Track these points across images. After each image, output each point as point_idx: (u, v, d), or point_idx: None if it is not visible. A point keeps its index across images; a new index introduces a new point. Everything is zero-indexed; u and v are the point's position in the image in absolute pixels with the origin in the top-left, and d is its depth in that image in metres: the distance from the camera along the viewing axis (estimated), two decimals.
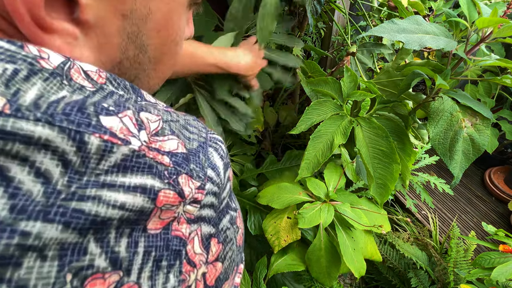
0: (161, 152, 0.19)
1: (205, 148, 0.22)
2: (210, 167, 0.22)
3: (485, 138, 0.51)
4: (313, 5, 0.68)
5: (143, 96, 0.22)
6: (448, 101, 0.54)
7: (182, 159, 0.19)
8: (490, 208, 1.47)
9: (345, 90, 0.68)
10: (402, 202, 1.38)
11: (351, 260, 0.65)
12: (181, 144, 0.20)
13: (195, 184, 0.20)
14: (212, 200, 0.22)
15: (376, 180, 0.60)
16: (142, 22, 0.22)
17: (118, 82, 0.21)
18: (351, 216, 0.69)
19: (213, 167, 0.22)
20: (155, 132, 0.19)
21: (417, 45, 0.47)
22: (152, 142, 0.18)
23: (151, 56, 0.25)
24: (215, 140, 0.24)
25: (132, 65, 0.24)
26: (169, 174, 0.18)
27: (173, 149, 0.19)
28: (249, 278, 0.76)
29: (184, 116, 0.24)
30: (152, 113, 0.20)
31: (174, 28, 0.25)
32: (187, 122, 0.23)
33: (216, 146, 0.24)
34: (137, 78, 0.26)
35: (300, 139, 1.15)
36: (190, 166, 0.20)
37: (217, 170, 0.22)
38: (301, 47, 0.73)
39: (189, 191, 0.19)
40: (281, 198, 0.70)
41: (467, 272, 0.90)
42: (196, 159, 0.21)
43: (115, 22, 0.21)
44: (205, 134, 0.23)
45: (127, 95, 0.21)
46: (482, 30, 0.52)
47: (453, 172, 0.52)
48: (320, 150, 0.62)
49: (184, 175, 0.19)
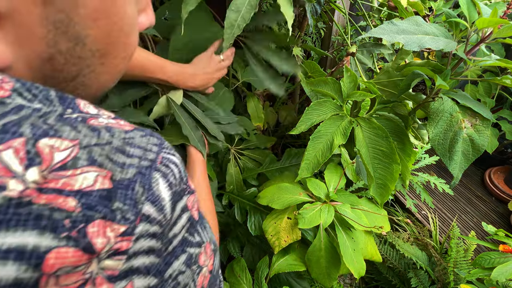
0: (65, 193, 0.14)
1: (147, 176, 0.18)
2: (149, 201, 0.17)
3: (484, 139, 0.51)
4: (313, 5, 0.68)
5: (77, 108, 0.19)
6: (448, 101, 0.54)
7: (99, 198, 0.15)
8: (490, 208, 1.47)
9: (345, 90, 0.68)
10: (402, 202, 1.38)
11: (351, 260, 0.65)
12: (104, 176, 0.16)
13: (117, 231, 0.16)
14: (151, 244, 0.18)
15: (376, 180, 0.60)
16: (72, 9, 0.19)
17: (35, 93, 0.17)
18: (351, 216, 0.69)
19: (154, 200, 0.18)
20: (61, 165, 0.15)
21: (416, 46, 0.47)
22: (51, 181, 0.14)
23: (94, 49, 0.21)
24: (167, 162, 0.20)
25: (69, 60, 0.20)
26: (71, 224, 0.14)
27: (87, 186, 0.15)
28: (250, 277, 0.76)
29: (130, 132, 0.19)
30: (65, 137, 0.16)
31: (118, 16, 0.21)
32: (127, 142, 0.18)
33: (165, 171, 0.19)
34: (81, 75, 0.22)
35: (300, 139, 1.15)
36: (112, 206, 0.16)
37: (159, 203, 0.18)
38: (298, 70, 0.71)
39: (103, 243, 0.15)
40: (281, 198, 0.70)
41: (467, 272, 0.90)
42: (127, 193, 0.17)
43: (34, 10, 0.17)
44: (153, 155, 0.19)
45: (46, 109, 0.17)
46: (482, 31, 0.52)
47: (453, 172, 0.52)
48: (320, 151, 0.62)
49: (98, 221, 0.15)
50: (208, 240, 0.25)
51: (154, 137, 0.21)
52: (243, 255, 0.85)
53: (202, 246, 0.23)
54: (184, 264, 0.21)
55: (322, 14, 1.06)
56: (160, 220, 0.18)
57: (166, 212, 0.19)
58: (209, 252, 0.25)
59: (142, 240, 0.17)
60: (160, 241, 0.19)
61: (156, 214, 0.18)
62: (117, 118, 0.21)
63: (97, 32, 0.21)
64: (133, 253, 0.17)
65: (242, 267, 0.77)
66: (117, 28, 0.22)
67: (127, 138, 0.19)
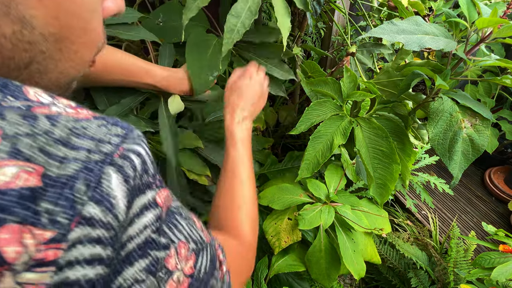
0: None
1: (95, 171, 0.16)
2: (93, 201, 0.15)
3: (484, 138, 0.51)
4: (312, 5, 0.68)
5: (22, 96, 0.17)
6: (447, 101, 0.54)
7: (18, 198, 0.13)
8: (490, 208, 1.46)
9: (345, 91, 0.67)
10: (402, 202, 1.38)
11: (350, 261, 0.65)
12: (31, 173, 0.14)
13: (40, 237, 0.13)
14: (95, 252, 0.15)
15: (376, 180, 0.60)
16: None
17: None
18: (351, 218, 0.69)
19: (100, 199, 0.15)
20: None
21: (416, 46, 0.47)
22: None
23: (46, 34, 0.19)
24: (128, 153, 0.18)
25: (17, 45, 0.19)
26: None
27: (1, 183, 0.13)
28: (250, 278, 0.76)
29: (83, 121, 0.17)
30: None
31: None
32: (74, 132, 0.16)
33: (122, 163, 0.17)
34: (35, 62, 0.20)
35: (300, 139, 1.15)
36: (37, 208, 0.14)
37: (107, 202, 0.16)
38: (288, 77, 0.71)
39: (17, 252, 0.13)
40: (282, 199, 0.70)
41: (467, 272, 0.90)
42: (62, 192, 0.14)
43: None
44: (110, 148, 0.17)
45: None
46: (482, 30, 0.52)
47: (453, 172, 0.52)
48: (320, 151, 0.62)
49: (12, 225, 0.13)
50: (183, 239, 0.21)
51: (118, 127, 0.18)
52: None
53: (171, 247, 0.20)
54: (143, 271, 0.18)
55: (322, 14, 1.06)
56: (108, 222, 0.15)
57: (117, 212, 0.16)
58: (184, 253, 0.21)
59: (81, 247, 0.14)
60: (109, 247, 0.16)
61: (102, 215, 0.15)
62: (79, 107, 0.19)
63: (45, 13, 0.18)
64: (67, 263, 0.14)
65: None
66: (69, 10, 0.20)
67: (76, 128, 0.17)
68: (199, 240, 0.23)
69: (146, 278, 0.18)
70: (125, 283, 0.17)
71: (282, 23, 0.51)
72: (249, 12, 0.50)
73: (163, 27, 0.63)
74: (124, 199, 0.17)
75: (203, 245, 0.24)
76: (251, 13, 0.50)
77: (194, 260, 0.22)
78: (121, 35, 0.54)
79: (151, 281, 0.18)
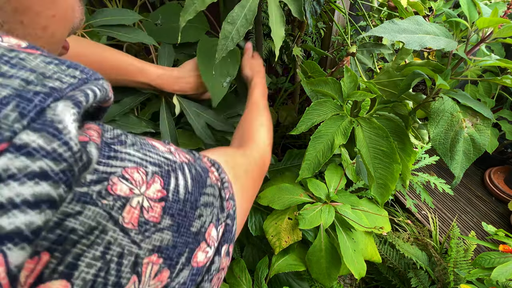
0: None
1: (34, 102, 0.13)
2: (30, 129, 0.12)
3: (485, 138, 0.51)
4: (312, 5, 0.68)
5: None
6: (448, 101, 0.54)
7: None
8: (490, 208, 1.47)
9: (345, 90, 0.67)
10: (402, 202, 1.38)
11: (351, 261, 0.65)
12: None
13: None
14: (42, 191, 0.12)
15: (377, 180, 0.60)
16: None
17: None
18: (351, 217, 0.69)
19: (38, 128, 0.12)
20: None
21: (417, 45, 0.47)
22: None
23: (1, 1, 0.17)
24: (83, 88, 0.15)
25: None
26: None
27: None
28: (250, 278, 0.76)
29: (25, 53, 0.15)
30: None
31: None
32: (7, 61, 0.14)
33: (71, 94, 0.15)
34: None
35: (300, 139, 1.15)
36: None
37: (52, 128, 0.13)
38: None
39: None
40: (282, 199, 0.70)
41: (467, 272, 0.90)
42: None
43: None
44: (58, 84, 0.14)
45: None
46: (482, 30, 0.52)
47: (454, 172, 0.52)
48: (320, 151, 0.62)
49: None
50: (131, 165, 0.19)
51: (77, 70, 0.16)
52: (243, 256, 0.85)
53: (110, 177, 0.17)
54: (74, 202, 0.15)
55: (322, 14, 1.06)
56: (55, 150, 0.13)
57: (66, 138, 0.13)
58: (140, 177, 0.19)
59: (16, 184, 0.11)
60: (62, 185, 0.13)
61: (43, 143, 0.12)
62: (34, 48, 0.16)
63: None
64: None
65: (242, 267, 0.77)
66: None
67: (8, 57, 0.14)
68: (164, 162, 0.21)
69: (83, 209, 0.15)
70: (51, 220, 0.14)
71: (276, 32, 0.51)
72: (244, 20, 0.50)
73: (163, 29, 0.63)
74: (74, 123, 0.14)
75: (173, 166, 0.21)
76: (247, 22, 0.50)
77: (162, 182, 0.19)
78: (120, 37, 0.54)
79: (93, 212, 0.15)
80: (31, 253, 0.12)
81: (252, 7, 0.50)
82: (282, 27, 0.53)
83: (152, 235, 0.18)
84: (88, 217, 0.15)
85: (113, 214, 0.16)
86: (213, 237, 0.23)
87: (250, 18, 0.50)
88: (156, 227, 0.18)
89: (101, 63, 0.49)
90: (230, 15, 0.49)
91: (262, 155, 0.42)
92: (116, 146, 0.18)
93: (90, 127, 0.17)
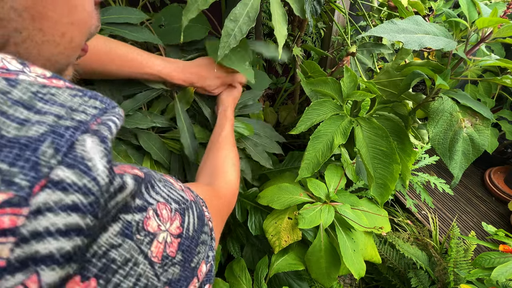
0: None
1: (66, 136, 0.14)
2: (64, 165, 0.13)
3: (485, 138, 0.51)
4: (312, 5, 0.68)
5: None
6: (448, 101, 0.54)
7: None
8: (490, 208, 1.47)
9: (345, 90, 0.68)
10: (402, 202, 1.38)
11: (351, 261, 0.65)
12: None
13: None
14: (72, 221, 0.13)
15: (376, 180, 0.60)
16: None
17: None
18: (351, 217, 0.69)
19: (71, 164, 0.14)
20: None
21: (416, 45, 0.47)
22: None
23: (19, 8, 0.17)
24: (108, 121, 0.16)
25: None
26: None
27: None
28: (250, 277, 0.76)
29: (52, 88, 0.16)
30: None
31: None
32: (40, 97, 0.15)
33: (97, 128, 0.16)
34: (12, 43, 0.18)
35: (300, 139, 1.15)
36: None
37: (83, 165, 0.14)
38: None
39: None
40: (282, 198, 0.70)
41: (467, 272, 0.90)
42: (23, 154, 0.13)
43: None
44: (85, 117, 0.15)
45: None
46: (482, 30, 0.52)
47: (453, 172, 0.52)
48: (320, 151, 0.62)
49: None
50: (162, 200, 0.21)
51: (97, 101, 0.17)
52: (243, 255, 0.85)
53: (149, 209, 0.19)
54: (118, 235, 0.16)
55: (322, 14, 1.06)
56: (85, 186, 0.14)
57: (95, 174, 0.14)
58: (167, 214, 0.20)
59: (52, 215, 0.13)
60: (89, 215, 0.14)
61: (75, 179, 0.14)
62: (55, 78, 0.17)
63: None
64: (34, 234, 0.12)
65: (242, 267, 0.77)
66: None
67: (41, 93, 0.15)
68: (181, 200, 0.23)
69: (122, 242, 0.16)
70: (100, 249, 0.15)
71: (279, 31, 0.51)
72: (247, 17, 0.50)
73: (166, 30, 0.63)
74: (102, 160, 0.15)
75: (186, 204, 0.23)
76: (249, 19, 0.50)
77: (180, 219, 0.22)
78: (127, 35, 0.54)
79: (129, 245, 0.17)
80: (63, 275, 0.13)
81: (255, 5, 0.50)
82: (284, 25, 0.53)
83: (168, 269, 0.19)
84: (125, 249, 0.17)
85: (143, 248, 0.18)
86: (203, 273, 0.24)
87: (253, 15, 0.50)
88: (172, 261, 0.20)
89: (108, 54, 0.49)
90: (233, 12, 0.49)
91: (233, 194, 0.47)
92: (152, 180, 0.21)
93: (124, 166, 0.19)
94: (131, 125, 0.56)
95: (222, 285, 0.72)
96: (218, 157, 0.51)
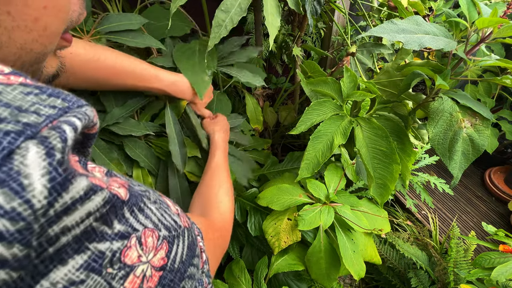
0: None
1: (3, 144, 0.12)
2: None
3: (484, 138, 0.51)
4: (313, 5, 0.68)
5: None
6: (447, 101, 0.54)
7: None
8: (490, 208, 1.46)
9: (345, 90, 0.67)
10: (402, 202, 1.38)
11: (350, 262, 0.65)
12: None
13: None
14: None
15: (376, 180, 0.60)
16: None
17: None
18: (351, 218, 0.69)
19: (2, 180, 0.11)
20: None
21: (416, 46, 0.47)
22: None
23: None
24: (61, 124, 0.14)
25: None
26: None
27: None
28: (249, 278, 0.76)
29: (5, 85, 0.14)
30: None
31: None
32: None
33: (46, 134, 0.13)
34: None
35: (300, 139, 1.15)
36: None
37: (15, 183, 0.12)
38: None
39: None
40: (281, 199, 0.70)
41: (467, 272, 0.90)
42: None
43: None
44: (37, 119, 0.13)
45: None
46: (482, 30, 0.52)
47: (453, 172, 0.52)
48: (320, 151, 0.62)
49: None
50: (151, 225, 0.18)
51: (59, 99, 0.15)
52: (242, 256, 0.85)
53: (131, 237, 0.17)
54: (81, 269, 0.14)
55: (322, 14, 1.06)
56: (14, 210, 0.11)
57: (29, 195, 0.12)
58: (152, 242, 0.18)
59: None
60: (17, 244, 0.12)
61: (4, 201, 0.11)
62: (15, 74, 0.15)
63: None
64: None
65: (241, 267, 0.77)
66: None
67: None
68: (173, 226, 0.21)
69: (86, 278, 0.14)
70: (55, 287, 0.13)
71: (271, 22, 0.51)
72: (239, 8, 0.50)
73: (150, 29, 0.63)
74: (43, 178, 0.12)
75: (178, 231, 0.21)
76: (241, 10, 0.50)
77: (167, 249, 0.19)
78: (129, 43, 0.55)
79: (95, 281, 0.14)
80: None
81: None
82: (277, 17, 0.52)
83: None
84: (89, 287, 0.14)
85: (114, 284, 0.15)
86: None
87: (245, 6, 0.50)
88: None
89: (114, 67, 0.49)
90: (224, 3, 0.49)
91: (229, 227, 0.45)
92: (145, 199, 0.19)
93: (116, 180, 0.17)
94: (124, 132, 0.55)
95: (221, 286, 0.72)
96: (212, 186, 0.50)
